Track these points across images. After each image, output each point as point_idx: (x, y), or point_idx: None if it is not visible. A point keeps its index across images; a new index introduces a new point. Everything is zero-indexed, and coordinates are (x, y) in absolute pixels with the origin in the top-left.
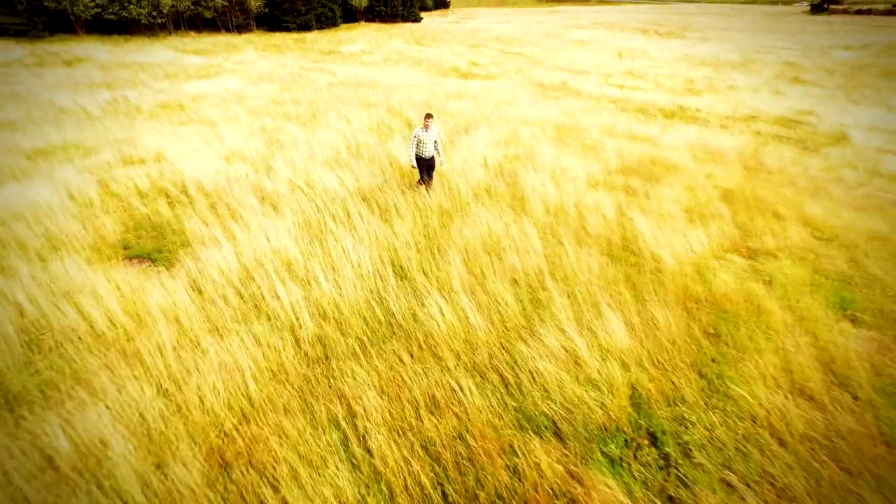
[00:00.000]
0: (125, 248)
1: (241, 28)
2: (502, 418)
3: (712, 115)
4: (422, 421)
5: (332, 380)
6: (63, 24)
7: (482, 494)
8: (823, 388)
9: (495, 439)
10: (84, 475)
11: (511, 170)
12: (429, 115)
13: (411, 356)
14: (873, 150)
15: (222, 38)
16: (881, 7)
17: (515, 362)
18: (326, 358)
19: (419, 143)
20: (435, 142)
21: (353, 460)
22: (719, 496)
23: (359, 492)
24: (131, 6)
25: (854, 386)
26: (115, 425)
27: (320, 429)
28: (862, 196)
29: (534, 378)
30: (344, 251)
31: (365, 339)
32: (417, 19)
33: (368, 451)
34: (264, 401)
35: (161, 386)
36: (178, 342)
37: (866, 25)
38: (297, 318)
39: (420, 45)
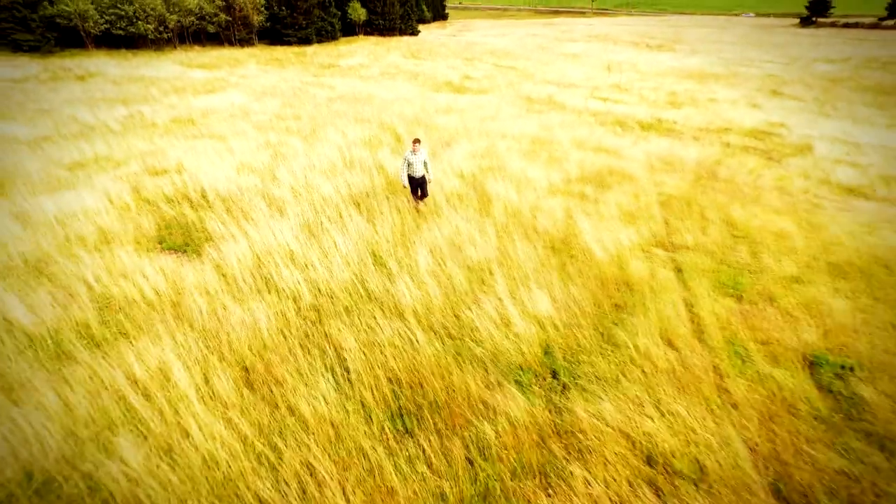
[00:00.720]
0: (160, 243)
1: (244, 42)
2: (445, 358)
3: (688, 128)
4: (386, 357)
5: (323, 330)
6: (73, 40)
7: (424, 402)
8: (685, 340)
9: (437, 371)
10: (155, 387)
11: (482, 179)
12: (416, 140)
13: (383, 317)
14: (831, 160)
15: (226, 52)
16: (867, 21)
17: (460, 322)
18: (320, 319)
19: (409, 165)
20: (424, 162)
21: (338, 381)
22: (589, 404)
23: (340, 400)
24: (139, 22)
25: (708, 338)
26: (172, 358)
27: (315, 361)
28: (795, 201)
29: (472, 333)
30: (335, 245)
31: (349, 305)
32: (415, 32)
33: (348, 375)
34: (275, 345)
35: (201, 334)
36: (209, 307)
37: (851, 38)
38: (298, 292)
39: (416, 59)
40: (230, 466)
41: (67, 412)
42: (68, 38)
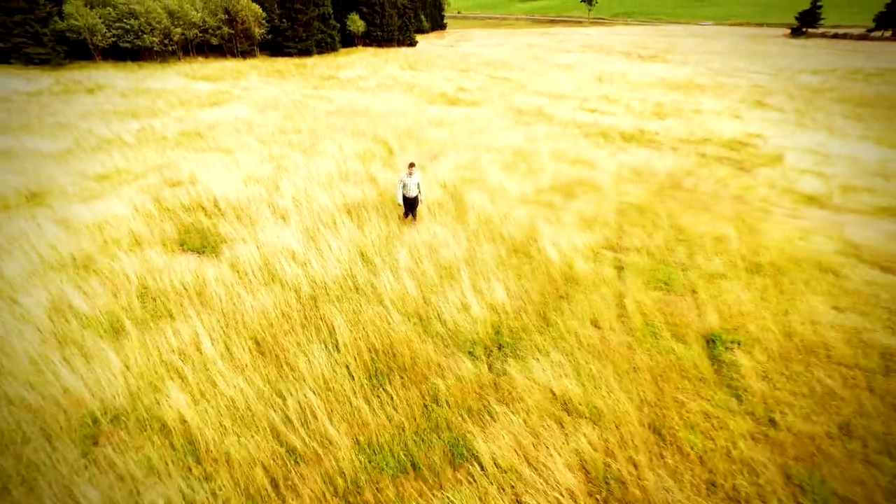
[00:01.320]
0: (182, 245)
1: (246, 53)
2: (414, 334)
3: (668, 139)
4: (367, 334)
5: (319, 313)
6: (82, 52)
7: (395, 366)
8: (609, 323)
9: (407, 343)
10: (189, 353)
11: (462, 190)
12: (411, 164)
13: (367, 303)
14: (799, 170)
15: (228, 64)
16: (856, 32)
17: (429, 307)
18: (316, 305)
19: (404, 186)
20: (417, 184)
21: (329, 350)
22: (523, 368)
23: (331, 363)
24: (145, 35)
25: (629, 321)
26: (201, 332)
27: (311, 335)
28: (748, 209)
29: (438, 316)
30: (330, 247)
31: (340, 295)
32: (413, 43)
33: (337, 346)
34: (280, 323)
35: (221, 316)
36: (227, 295)
37: (839, 49)
38: (299, 284)
39: (413, 70)
40: (249, 406)
41: (126, 369)
42: (77, 50)
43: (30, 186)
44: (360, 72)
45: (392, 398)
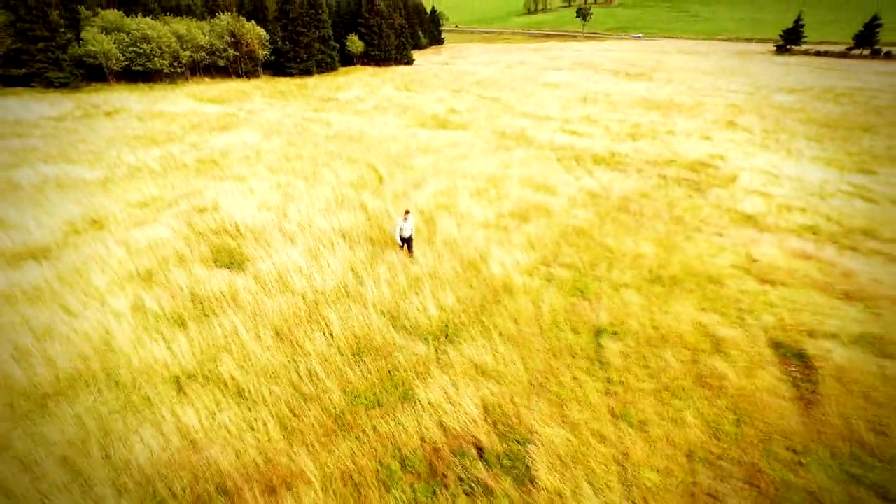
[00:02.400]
0: (215, 262)
1: (250, 74)
2: (386, 327)
3: (636, 161)
4: (353, 327)
5: (319, 313)
6: (97, 75)
7: (371, 347)
8: (527, 320)
9: (380, 333)
10: (231, 338)
11: (435, 216)
12: (407, 211)
13: (354, 305)
14: (747, 191)
15: (233, 85)
16: (837, 49)
17: (399, 309)
18: (317, 307)
19: (401, 229)
20: (411, 227)
21: (326, 338)
22: (458, 350)
23: (328, 346)
24: (156, 59)
25: (541, 319)
26: (238, 325)
27: (314, 328)
28: (680, 229)
29: (405, 315)
30: (328, 263)
31: (335, 300)
32: (410, 62)
33: (332, 335)
34: (292, 319)
35: (250, 314)
36: (253, 300)
37: (818, 67)
38: (305, 292)
39: (408, 91)
40: (275, 370)
41: (191, 347)
42: (93, 73)
43: (89, 214)
44: (357, 93)
45: (368, 367)
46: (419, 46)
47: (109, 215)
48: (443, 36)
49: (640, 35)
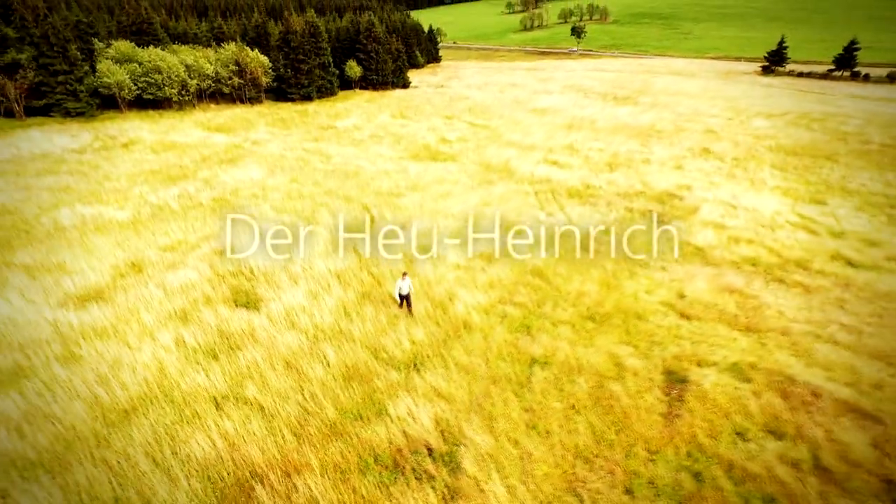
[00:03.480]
0: (235, 302)
1: (253, 100)
2: (369, 358)
3: (608, 194)
4: (344, 356)
5: (318, 347)
6: (111, 103)
7: (357, 374)
8: (477, 352)
9: (364, 363)
10: (251, 368)
11: (414, 256)
12: (405, 273)
13: (345, 340)
14: (704, 223)
15: (238, 112)
16: (820, 70)
17: (379, 343)
18: (317, 341)
19: (399, 288)
20: (409, 286)
21: (324, 366)
22: (423, 376)
23: (325, 373)
24: (165, 88)
25: (489, 351)
26: (257, 357)
27: (315, 359)
28: (628, 265)
29: (384, 348)
30: (325, 303)
31: (330, 336)
32: (406, 85)
33: (328, 364)
34: (298, 353)
35: (265, 347)
36: (267, 335)
37: (799, 90)
38: (307, 328)
39: (403, 118)
40: (286, 392)
41: (223, 375)
42: (107, 102)
43: (130, 258)
44: (355, 121)
45: (354, 390)
46: (416, 65)
47: (146, 259)
48: (440, 54)
49: (576, 49)
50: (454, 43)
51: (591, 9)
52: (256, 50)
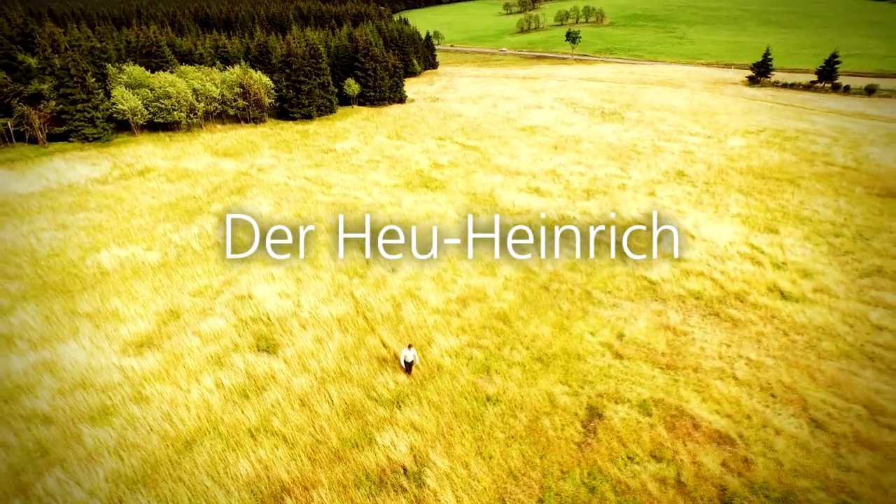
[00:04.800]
0: (257, 347)
1: (257, 120)
2: (363, 397)
3: (581, 224)
4: (344, 397)
5: (325, 388)
6: (124, 126)
7: (354, 411)
8: (445, 392)
9: (360, 401)
10: (276, 407)
11: (401, 302)
12: (410, 345)
13: (344, 382)
14: (663, 255)
15: (243, 133)
16: (803, 81)
17: (371, 384)
18: (325, 383)
19: (404, 357)
20: (413, 355)
21: (328, 404)
22: (402, 411)
23: (329, 410)
24: (175, 112)
25: (455, 390)
26: (279, 397)
27: (322, 398)
28: (583, 306)
29: (374, 389)
30: (329, 347)
31: (333, 376)
32: (403, 99)
33: (333, 401)
34: (309, 392)
35: (284, 388)
36: (284, 377)
37: (780, 104)
38: (316, 371)
39: (399, 139)
40: (302, 425)
41: (254, 411)
42: (121, 125)
43: (168, 305)
44: (353, 143)
45: (352, 423)
46: (413, 74)
47: (181, 306)
48: (437, 59)
49: (571, 55)
50: (451, 46)
51: (587, 11)
52: (259, 71)
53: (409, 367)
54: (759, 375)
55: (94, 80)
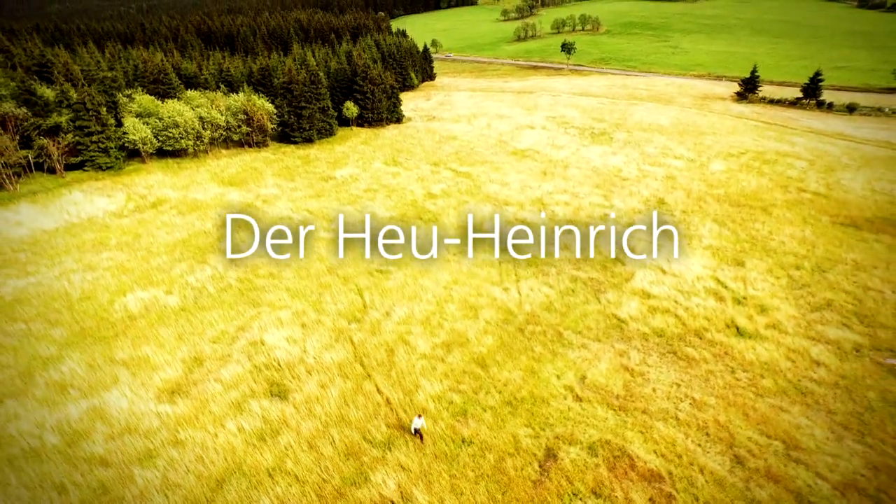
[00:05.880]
0: (270, 392)
1: (260, 144)
2: (360, 440)
3: (560, 260)
4: (345, 441)
5: (328, 431)
6: (134, 154)
7: (352, 452)
8: (429, 435)
9: (357, 442)
10: (290, 449)
11: (394, 347)
12: (419, 415)
13: (345, 427)
14: (633, 292)
15: (247, 158)
16: (790, 97)
17: (367, 428)
18: (326, 426)
19: (414, 424)
20: (422, 423)
21: (332, 446)
22: (392, 452)
23: (332, 452)
24: (183, 140)
25: (434, 436)
26: (290, 440)
27: (326, 440)
28: (553, 347)
29: (369, 432)
30: (331, 393)
31: (335, 419)
32: (400, 119)
33: (335, 443)
34: (316, 435)
35: (295, 433)
36: (294, 422)
37: (764, 123)
38: (321, 416)
39: (395, 166)
40: (311, 465)
41: (271, 454)
42: (131, 154)
43: (191, 352)
44: (352, 170)
45: (352, 463)
46: (411, 87)
47: (203, 353)
48: (435, 70)
49: (566, 65)
50: (449, 55)
51: (583, 19)
52: (262, 94)
53: (419, 433)
54: (699, 415)
55: (108, 114)
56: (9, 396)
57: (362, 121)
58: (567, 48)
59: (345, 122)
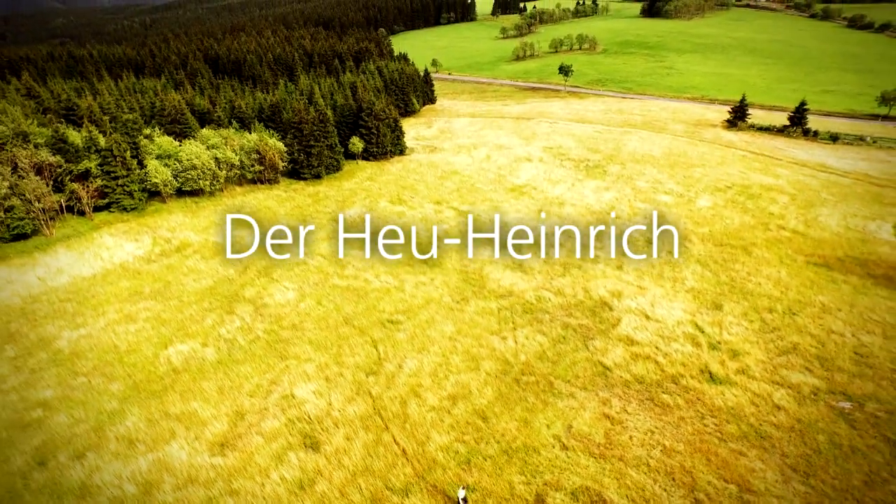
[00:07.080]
0: (304, 445)
1: (272, 181)
2: (381, 488)
3: (554, 306)
4: (371, 487)
5: (357, 479)
6: (155, 194)
7: (375, 500)
8: (438, 482)
9: (381, 492)
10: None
11: (407, 399)
12: (464, 486)
13: (360, 474)
14: (619, 338)
15: (260, 196)
16: (777, 125)
17: (387, 476)
18: (354, 476)
19: (460, 496)
20: (465, 493)
21: (360, 493)
22: (412, 498)
23: (360, 499)
24: (200, 181)
25: (444, 484)
26: (325, 489)
27: (355, 488)
28: (545, 395)
29: (389, 480)
30: (355, 446)
31: (361, 469)
32: (403, 151)
33: (361, 491)
34: (345, 483)
35: (327, 481)
36: (327, 471)
37: (752, 153)
38: (349, 466)
39: (400, 205)
40: (320, 492)
41: (311, 501)
42: (152, 194)
43: (233, 406)
44: (359, 210)
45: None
46: (412, 112)
47: (244, 407)
48: (435, 93)
49: (564, 87)
50: (449, 74)
51: (580, 38)
52: (274, 135)
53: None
54: (667, 461)
55: (132, 159)
56: (88, 449)
57: (367, 154)
58: (564, 70)
59: (350, 155)
